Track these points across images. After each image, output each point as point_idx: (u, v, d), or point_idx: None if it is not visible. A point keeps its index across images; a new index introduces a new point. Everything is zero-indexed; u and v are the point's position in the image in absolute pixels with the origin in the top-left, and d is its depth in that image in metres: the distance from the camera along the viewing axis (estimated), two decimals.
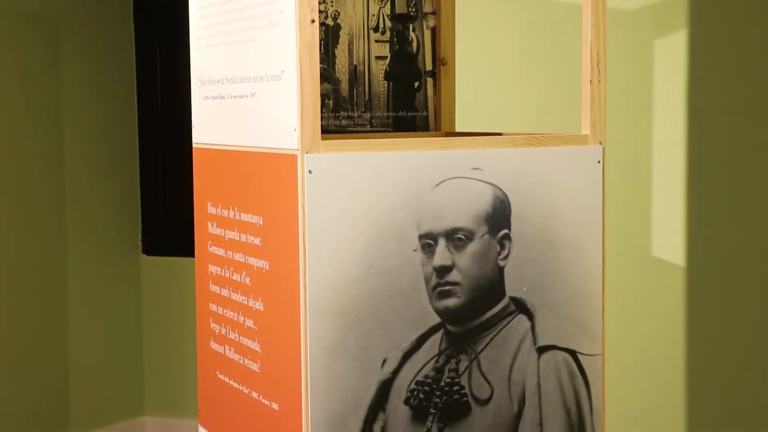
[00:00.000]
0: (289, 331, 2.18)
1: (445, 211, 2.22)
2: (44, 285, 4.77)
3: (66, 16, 4.83)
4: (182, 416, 5.10)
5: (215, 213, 2.53)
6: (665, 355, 3.40)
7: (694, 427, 3.37)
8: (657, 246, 3.40)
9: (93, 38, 5.01)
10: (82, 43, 4.95)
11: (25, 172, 4.70)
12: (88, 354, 4.95)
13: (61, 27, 4.83)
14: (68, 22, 4.86)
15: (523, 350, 2.30)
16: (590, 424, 2.38)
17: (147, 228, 5.23)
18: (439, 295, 2.23)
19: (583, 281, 2.36)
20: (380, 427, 2.20)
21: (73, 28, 4.90)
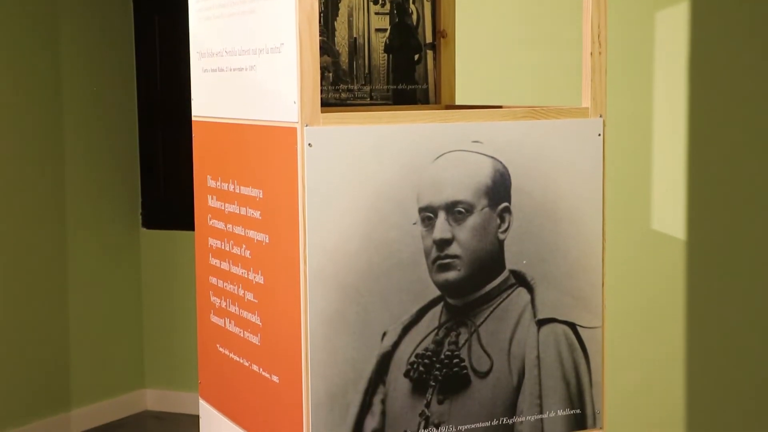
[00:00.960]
0: (289, 304, 2.18)
1: (445, 184, 2.22)
2: (44, 259, 4.77)
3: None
4: (183, 389, 5.12)
5: (215, 186, 2.52)
6: (665, 329, 3.41)
7: (694, 400, 3.38)
8: (657, 219, 3.40)
9: (92, 11, 4.99)
10: (81, 16, 4.93)
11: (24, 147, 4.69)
12: (88, 327, 4.96)
13: (59, 0, 4.81)
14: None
15: (523, 323, 2.31)
16: (589, 396, 2.38)
17: (147, 201, 5.23)
18: (439, 268, 2.23)
19: (583, 254, 2.36)
20: (380, 399, 2.20)
21: (73, 2, 4.88)
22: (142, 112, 5.24)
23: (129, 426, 4.98)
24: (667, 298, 3.40)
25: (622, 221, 3.39)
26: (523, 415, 2.32)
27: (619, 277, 3.27)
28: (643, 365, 3.45)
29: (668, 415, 3.40)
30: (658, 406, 3.42)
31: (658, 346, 3.43)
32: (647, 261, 3.42)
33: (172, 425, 4.97)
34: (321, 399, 2.15)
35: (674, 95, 3.35)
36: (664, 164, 3.39)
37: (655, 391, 3.43)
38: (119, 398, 5.12)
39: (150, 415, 5.13)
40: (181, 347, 5.11)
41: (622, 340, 3.39)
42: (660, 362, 3.42)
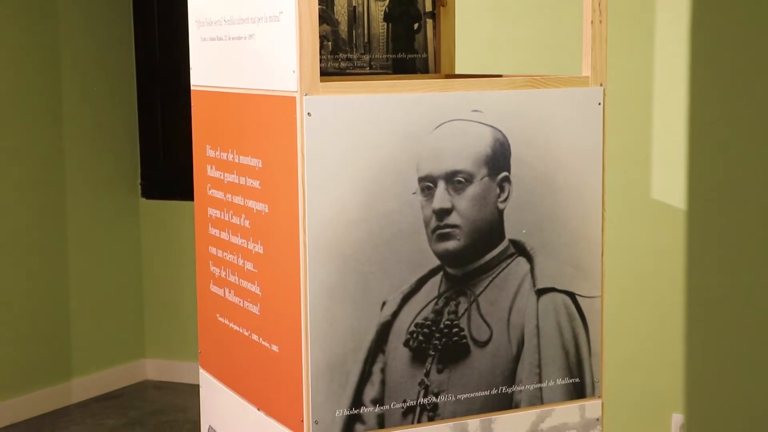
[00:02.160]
0: (289, 273, 2.18)
1: (445, 154, 2.22)
2: (44, 230, 4.77)
3: None
4: (183, 359, 5.13)
5: (214, 156, 2.52)
6: (664, 298, 3.42)
7: (693, 367, 3.39)
8: (657, 188, 3.40)
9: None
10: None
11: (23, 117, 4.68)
12: (88, 298, 4.97)
13: None
14: None
15: (523, 292, 2.31)
16: (588, 365, 2.39)
17: (146, 171, 5.22)
18: (438, 238, 2.23)
19: (583, 224, 2.36)
20: (380, 368, 2.21)
21: None
22: (141, 81, 5.22)
23: (129, 395, 5.00)
24: (667, 268, 3.40)
25: (622, 190, 3.38)
26: (522, 384, 2.32)
27: (618, 247, 3.27)
28: (642, 335, 3.45)
29: (667, 384, 3.41)
30: (658, 375, 3.43)
31: (658, 315, 3.43)
32: (647, 230, 3.42)
33: (172, 395, 4.99)
34: (321, 368, 2.16)
35: (675, 64, 3.34)
36: (664, 133, 3.38)
37: (654, 361, 3.44)
38: (119, 368, 5.13)
39: (150, 385, 5.15)
40: (181, 317, 5.12)
41: (622, 309, 3.40)
42: (659, 332, 3.43)
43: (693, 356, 3.39)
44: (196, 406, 2.89)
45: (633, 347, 3.45)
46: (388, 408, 2.21)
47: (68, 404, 4.84)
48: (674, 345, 3.40)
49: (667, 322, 3.41)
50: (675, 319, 3.39)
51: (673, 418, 3.41)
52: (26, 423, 4.59)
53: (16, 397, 4.63)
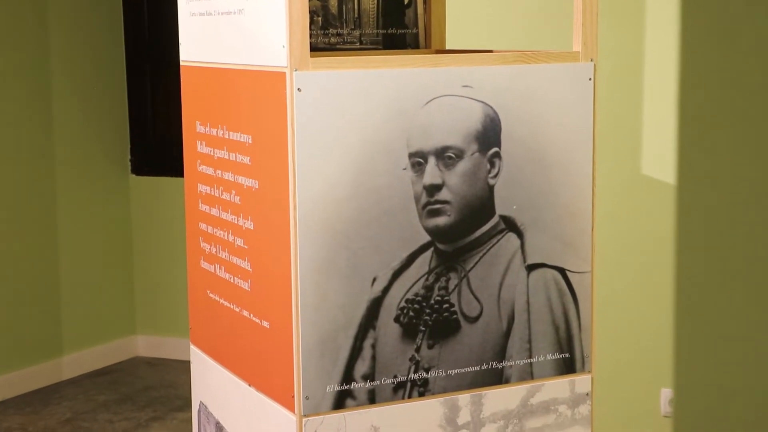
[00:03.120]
0: (279, 249, 2.18)
1: (435, 130, 2.21)
2: (33, 207, 4.76)
3: None
4: (173, 335, 5.14)
5: (204, 132, 2.51)
6: (654, 272, 3.42)
7: (682, 342, 3.41)
8: (647, 164, 3.40)
9: None
10: None
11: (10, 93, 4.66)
12: (79, 274, 4.97)
13: None
14: None
15: (513, 268, 2.31)
16: (579, 341, 2.40)
17: (135, 148, 5.21)
18: (428, 214, 2.23)
19: (573, 199, 2.36)
20: (370, 344, 2.21)
21: None
22: (130, 57, 5.20)
23: (121, 371, 5.00)
24: (657, 243, 3.41)
25: (612, 166, 3.38)
26: (513, 360, 2.33)
27: (608, 222, 3.27)
28: (632, 310, 3.46)
29: (657, 359, 3.43)
30: (647, 350, 3.45)
31: (648, 290, 3.44)
32: (637, 206, 3.43)
33: (163, 371, 5.00)
34: (311, 344, 2.16)
35: (666, 39, 3.34)
36: (654, 109, 3.38)
37: (644, 336, 3.46)
38: (110, 344, 5.13)
39: (141, 361, 5.16)
40: (171, 293, 5.12)
41: (612, 285, 3.41)
42: (649, 307, 3.44)
43: (682, 332, 3.40)
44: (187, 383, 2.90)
45: (623, 323, 3.46)
46: (378, 383, 2.22)
47: (60, 380, 4.85)
48: (664, 320, 3.42)
49: (657, 298, 3.42)
50: (664, 295, 3.40)
51: (662, 392, 3.42)
52: (18, 399, 4.60)
53: (7, 373, 4.64)
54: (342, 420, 2.19)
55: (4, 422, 4.32)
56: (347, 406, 2.20)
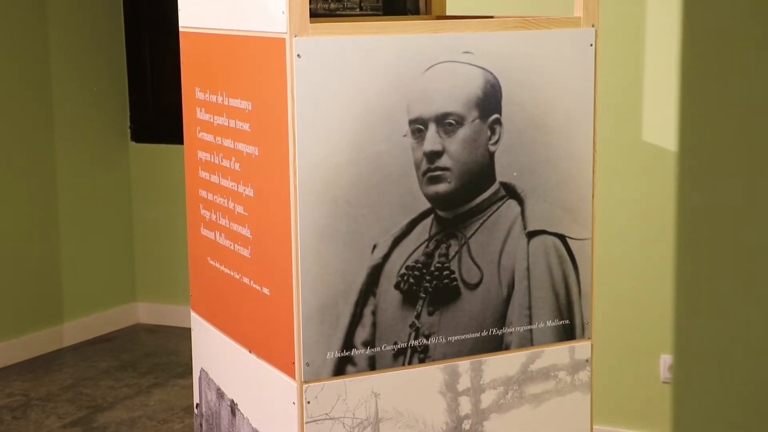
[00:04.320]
0: (280, 216, 2.18)
1: (436, 96, 2.21)
2: (33, 175, 4.75)
3: None
4: (174, 302, 5.15)
5: (203, 98, 2.50)
6: (654, 240, 3.42)
7: (682, 309, 3.41)
8: (648, 130, 3.39)
9: None
10: None
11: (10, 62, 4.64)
12: (79, 242, 4.97)
13: None
14: None
15: (513, 235, 2.31)
16: (579, 307, 2.40)
17: (135, 115, 5.19)
18: (429, 181, 2.23)
19: (574, 166, 2.36)
20: (371, 311, 2.21)
21: None
22: (129, 23, 5.17)
23: (121, 338, 5.02)
24: (657, 210, 3.41)
25: (613, 132, 3.38)
26: (513, 326, 2.34)
27: (609, 189, 3.27)
28: (632, 276, 3.47)
29: (656, 325, 3.43)
30: (647, 316, 3.45)
31: (647, 257, 3.44)
32: (637, 172, 3.42)
33: (164, 338, 5.01)
34: (312, 311, 2.16)
35: (668, 4, 3.32)
36: (655, 75, 3.37)
37: (644, 302, 3.46)
38: (111, 311, 5.14)
39: (142, 328, 5.17)
40: (171, 261, 5.12)
41: (612, 251, 3.41)
42: (649, 273, 3.45)
43: (684, 297, 3.41)
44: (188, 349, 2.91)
45: (623, 289, 3.47)
46: (378, 350, 2.23)
47: (61, 347, 4.86)
48: (663, 287, 3.42)
49: (657, 264, 3.42)
50: (664, 261, 3.40)
51: (662, 358, 3.43)
52: (20, 365, 4.61)
53: (9, 340, 4.65)
54: (342, 386, 2.20)
55: (6, 388, 4.35)
56: (347, 372, 2.20)
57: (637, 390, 3.48)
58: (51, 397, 4.23)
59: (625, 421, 3.51)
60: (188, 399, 4.14)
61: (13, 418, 4.02)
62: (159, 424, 3.94)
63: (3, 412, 4.07)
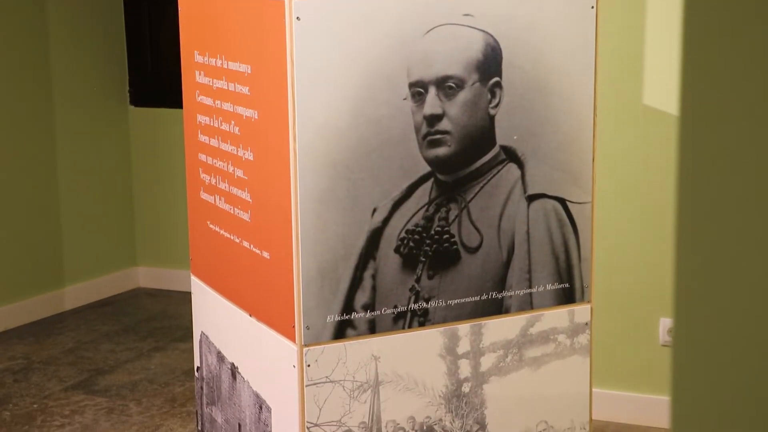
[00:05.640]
0: (279, 180, 2.18)
1: (436, 59, 2.19)
2: (33, 139, 4.74)
3: None
4: (174, 266, 5.16)
5: (202, 62, 2.49)
6: (654, 203, 3.42)
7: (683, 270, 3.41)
8: (649, 94, 3.38)
9: None
10: None
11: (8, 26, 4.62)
12: (79, 206, 4.97)
13: None
14: None
15: (513, 198, 2.31)
16: (578, 270, 2.40)
17: (134, 78, 5.17)
18: (429, 144, 2.22)
19: (574, 129, 2.35)
20: (371, 275, 2.22)
21: None
22: None
23: (122, 302, 5.03)
24: (657, 173, 3.40)
25: (614, 96, 3.36)
26: (512, 290, 2.34)
27: (609, 152, 3.26)
28: (631, 240, 3.47)
29: (656, 288, 3.44)
30: (646, 280, 3.46)
31: (647, 221, 3.44)
32: (638, 136, 3.41)
33: (164, 302, 5.02)
34: (311, 275, 2.16)
35: None
36: (657, 38, 3.35)
37: (643, 266, 3.46)
38: (112, 275, 5.15)
39: (143, 292, 5.18)
40: (171, 225, 5.12)
41: (612, 215, 3.41)
42: (649, 237, 3.45)
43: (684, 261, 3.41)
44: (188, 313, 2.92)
45: (622, 253, 3.47)
46: (378, 314, 2.23)
47: (62, 311, 4.87)
48: (663, 250, 3.42)
49: (657, 228, 3.42)
50: (664, 225, 3.40)
51: (661, 322, 3.44)
52: (21, 329, 4.63)
53: (10, 303, 4.66)
54: (342, 350, 2.21)
55: (8, 352, 4.36)
56: (347, 335, 2.21)
57: (636, 353, 3.49)
58: (52, 361, 4.25)
59: (624, 384, 3.52)
60: (189, 362, 4.15)
61: (15, 381, 4.03)
62: (160, 387, 3.96)
63: (5, 375, 4.09)
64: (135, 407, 3.77)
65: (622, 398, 3.52)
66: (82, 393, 3.91)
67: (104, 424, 3.63)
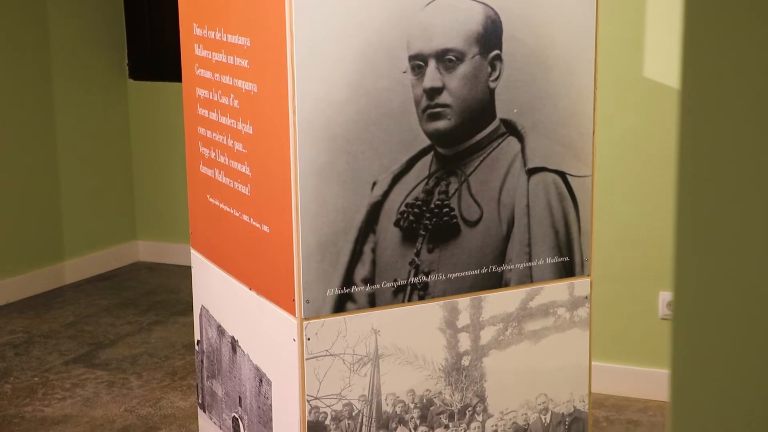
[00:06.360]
0: (279, 154, 2.17)
1: (436, 32, 2.18)
2: (32, 113, 4.73)
3: None
4: (174, 240, 5.16)
5: (201, 34, 2.48)
6: (654, 176, 3.42)
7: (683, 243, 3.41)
8: (649, 67, 3.37)
9: None
10: None
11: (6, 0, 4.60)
12: (79, 180, 4.96)
13: None
14: None
15: (513, 172, 2.31)
16: (578, 244, 2.40)
17: (133, 52, 5.16)
18: (429, 117, 2.22)
19: (574, 103, 2.34)
20: (370, 248, 2.22)
21: None
22: None
23: (122, 276, 5.04)
24: (658, 146, 3.40)
25: (615, 69, 3.35)
26: (512, 263, 2.34)
27: (609, 126, 3.26)
28: (631, 213, 3.47)
29: (655, 262, 3.44)
30: (646, 253, 3.46)
31: (647, 194, 3.44)
32: (638, 109, 3.41)
33: (164, 276, 5.03)
34: (311, 248, 2.16)
35: None
36: (658, 11, 3.33)
37: (644, 239, 3.47)
38: (112, 249, 5.16)
39: (143, 266, 5.19)
40: (171, 198, 5.12)
41: (611, 188, 3.40)
42: (649, 210, 3.45)
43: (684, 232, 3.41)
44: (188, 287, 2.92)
45: (622, 226, 3.47)
46: (378, 287, 2.23)
47: (62, 285, 4.88)
48: (663, 224, 3.42)
49: (657, 201, 3.42)
50: (665, 198, 3.40)
51: (661, 295, 3.45)
52: (21, 303, 4.64)
53: (11, 277, 4.67)
54: (342, 323, 2.21)
55: (9, 325, 4.37)
56: (347, 309, 2.21)
57: (636, 327, 3.50)
58: (53, 334, 4.26)
59: (623, 357, 3.53)
60: (189, 336, 4.16)
61: (16, 354, 4.04)
62: (160, 360, 3.97)
63: (5, 349, 4.10)
64: (135, 380, 3.78)
65: (621, 371, 3.53)
66: (82, 366, 3.92)
67: (105, 397, 3.64)
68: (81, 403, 3.59)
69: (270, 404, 2.34)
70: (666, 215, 3.42)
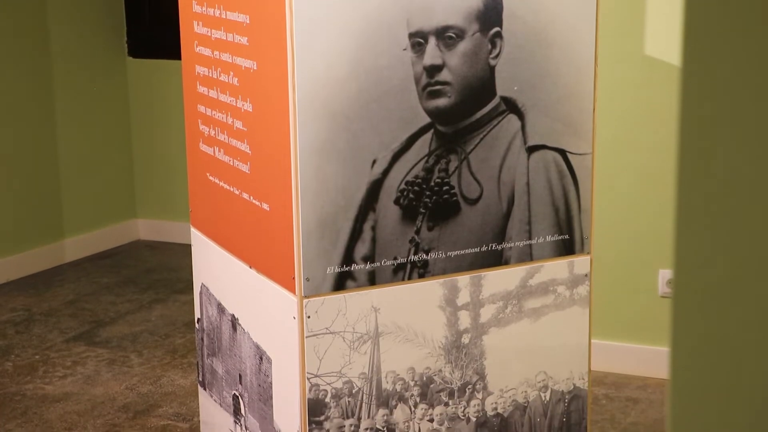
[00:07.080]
0: (279, 132, 2.17)
1: (436, 8, 2.17)
2: (31, 90, 4.72)
3: None
4: (174, 218, 5.16)
5: (201, 11, 2.47)
6: (655, 154, 3.42)
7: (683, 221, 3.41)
8: (650, 45, 3.36)
9: None
10: None
11: None
12: (78, 158, 4.96)
13: None
14: None
15: (513, 150, 2.30)
16: (578, 222, 2.40)
17: (132, 29, 5.14)
18: (429, 95, 2.21)
19: (575, 80, 2.33)
20: (370, 226, 2.21)
21: None
22: None
23: (123, 254, 5.04)
24: (658, 124, 3.39)
25: (615, 46, 3.34)
26: (512, 241, 2.34)
27: (610, 104, 3.25)
28: (632, 191, 3.47)
29: (655, 240, 3.44)
30: (647, 231, 3.46)
31: (648, 172, 3.44)
32: (639, 87, 3.40)
33: (164, 254, 5.03)
34: (311, 226, 2.16)
35: None
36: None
37: (644, 217, 3.46)
38: (111, 228, 5.16)
39: (143, 245, 5.19)
40: (171, 177, 5.12)
41: (612, 166, 3.40)
42: (649, 188, 3.44)
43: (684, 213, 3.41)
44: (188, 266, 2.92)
45: (622, 204, 3.47)
46: (378, 265, 2.23)
47: (62, 263, 4.88)
48: (663, 201, 3.42)
49: (657, 179, 3.42)
50: (665, 175, 3.40)
51: (660, 273, 3.45)
52: (22, 281, 4.64)
53: (10, 255, 4.67)
54: (342, 301, 2.21)
55: (9, 303, 4.38)
56: (347, 287, 2.21)
57: (635, 304, 3.50)
58: (53, 312, 4.27)
59: (623, 335, 3.54)
60: (189, 314, 4.17)
61: (17, 332, 4.05)
62: (161, 338, 3.98)
63: (6, 327, 4.11)
64: (136, 358, 3.79)
65: (621, 349, 3.53)
66: (83, 344, 3.93)
67: (106, 374, 3.65)
68: (82, 381, 3.60)
69: (270, 382, 2.34)
70: (666, 193, 3.42)
